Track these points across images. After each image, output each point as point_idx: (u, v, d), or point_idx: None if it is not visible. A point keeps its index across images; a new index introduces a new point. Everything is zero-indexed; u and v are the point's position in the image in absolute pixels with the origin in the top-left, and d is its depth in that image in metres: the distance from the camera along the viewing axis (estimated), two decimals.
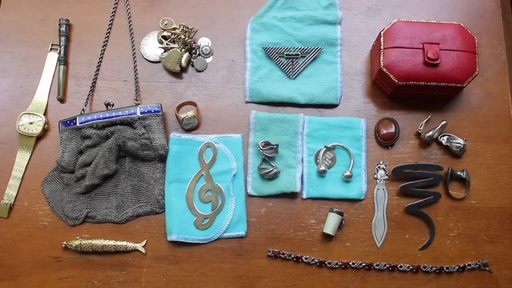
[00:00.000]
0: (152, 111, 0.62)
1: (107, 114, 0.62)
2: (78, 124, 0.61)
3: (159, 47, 0.66)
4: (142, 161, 0.63)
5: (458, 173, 0.63)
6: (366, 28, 0.69)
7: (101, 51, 0.67)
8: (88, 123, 0.61)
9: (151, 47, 0.67)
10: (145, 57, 0.67)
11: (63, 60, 0.66)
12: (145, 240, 0.60)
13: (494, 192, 0.63)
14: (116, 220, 0.60)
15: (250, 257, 0.60)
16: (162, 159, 0.62)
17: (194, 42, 0.68)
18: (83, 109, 0.64)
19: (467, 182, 0.63)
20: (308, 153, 0.63)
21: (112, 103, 0.63)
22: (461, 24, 0.63)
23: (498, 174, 0.64)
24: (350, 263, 0.60)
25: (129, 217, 0.61)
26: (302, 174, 0.62)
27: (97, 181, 0.60)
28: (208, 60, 0.68)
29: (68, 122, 0.62)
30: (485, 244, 0.62)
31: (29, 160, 0.63)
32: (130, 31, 0.68)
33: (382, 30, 0.63)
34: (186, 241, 0.60)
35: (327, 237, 0.61)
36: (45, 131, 0.63)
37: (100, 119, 0.61)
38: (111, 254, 0.60)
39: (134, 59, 0.67)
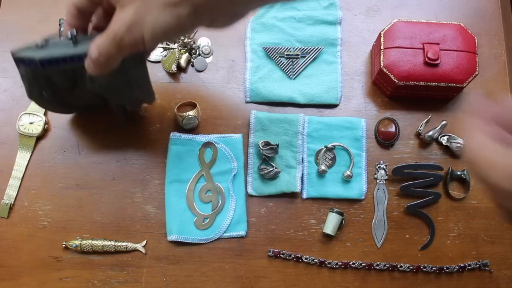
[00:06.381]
0: None
1: None
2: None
3: (159, 47, 0.66)
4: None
5: (458, 173, 0.63)
6: (366, 28, 0.69)
7: None
8: None
9: None
10: None
11: None
12: (145, 240, 0.60)
13: None
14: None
15: (250, 257, 0.60)
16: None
17: (194, 42, 0.68)
18: None
19: (467, 182, 0.63)
20: (308, 153, 0.63)
21: None
22: (461, 24, 0.63)
23: None
24: (350, 263, 0.60)
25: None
26: (302, 174, 0.62)
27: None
28: (208, 60, 0.68)
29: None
30: (485, 244, 0.62)
31: (29, 160, 0.63)
32: None
33: (382, 30, 0.63)
34: (186, 241, 0.60)
35: (327, 237, 0.61)
36: (45, 131, 0.63)
37: None
38: (111, 254, 0.60)
39: None
